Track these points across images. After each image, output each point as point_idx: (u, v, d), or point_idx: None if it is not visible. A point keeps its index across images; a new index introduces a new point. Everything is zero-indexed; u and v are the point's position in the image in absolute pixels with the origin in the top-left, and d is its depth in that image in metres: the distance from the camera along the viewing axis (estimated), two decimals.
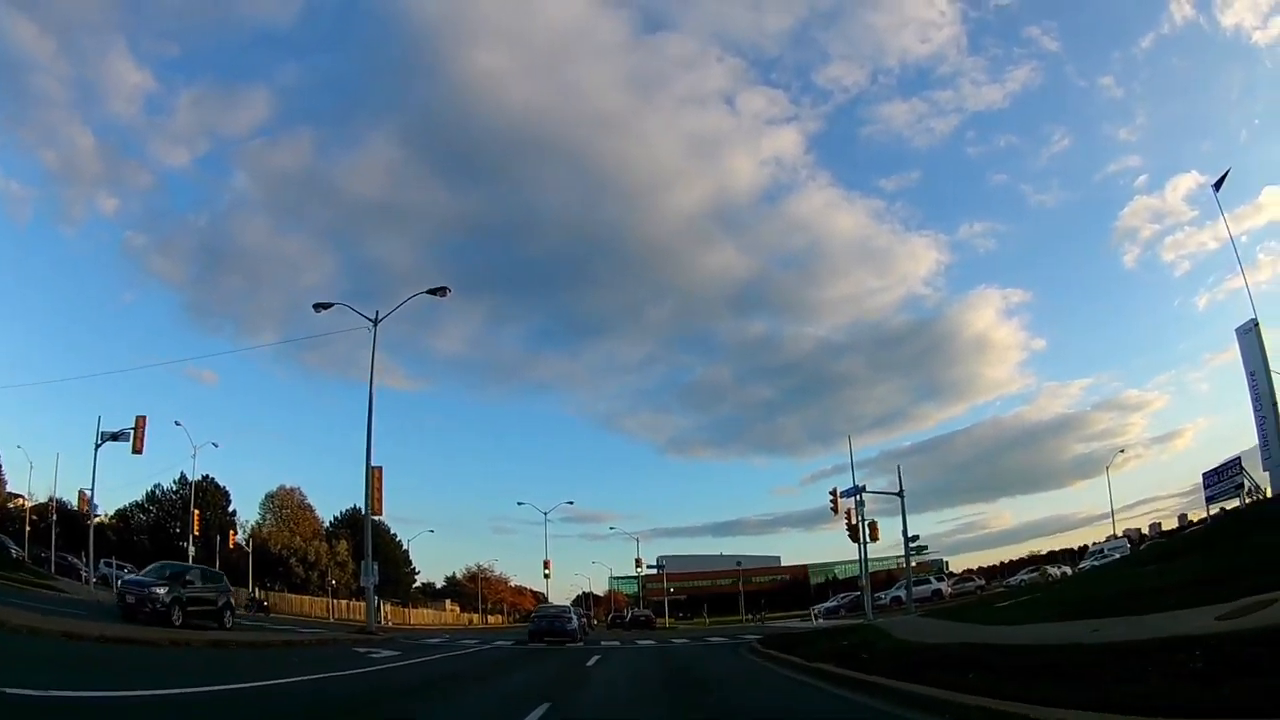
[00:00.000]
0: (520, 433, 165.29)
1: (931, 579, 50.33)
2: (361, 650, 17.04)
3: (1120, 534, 66.58)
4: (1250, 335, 27.99)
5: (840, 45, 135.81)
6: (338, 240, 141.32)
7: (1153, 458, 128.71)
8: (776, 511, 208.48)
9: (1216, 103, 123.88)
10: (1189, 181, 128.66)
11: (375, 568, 25.73)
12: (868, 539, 31.15)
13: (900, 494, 31.60)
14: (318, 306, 26.05)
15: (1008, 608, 20.35)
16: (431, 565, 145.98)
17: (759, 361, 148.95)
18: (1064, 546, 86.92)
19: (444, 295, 25.49)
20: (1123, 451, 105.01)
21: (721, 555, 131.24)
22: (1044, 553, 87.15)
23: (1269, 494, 29.57)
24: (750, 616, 67.73)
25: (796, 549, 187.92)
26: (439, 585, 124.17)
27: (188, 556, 51.40)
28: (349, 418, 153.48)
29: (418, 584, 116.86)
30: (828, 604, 53.06)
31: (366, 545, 27.29)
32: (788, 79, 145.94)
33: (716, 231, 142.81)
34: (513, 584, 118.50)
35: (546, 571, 58.40)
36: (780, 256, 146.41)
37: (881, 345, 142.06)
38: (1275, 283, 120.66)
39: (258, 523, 68.51)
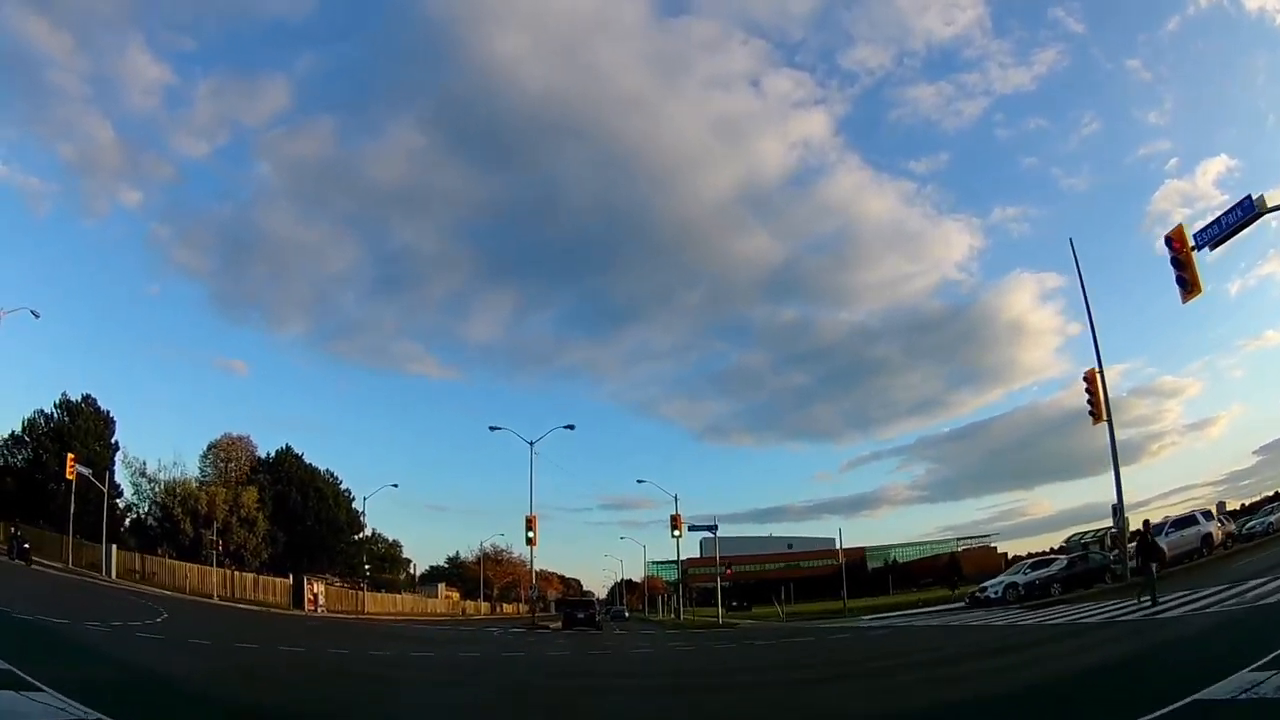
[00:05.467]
0: (552, 420, 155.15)
1: (1199, 517, 29.34)
2: None
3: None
4: None
5: (864, 27, 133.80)
6: (363, 228, 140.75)
7: (1187, 445, 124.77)
8: (820, 497, 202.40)
9: (1243, 87, 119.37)
10: (1218, 165, 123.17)
11: None
12: None
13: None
14: None
15: None
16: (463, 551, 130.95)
17: (794, 348, 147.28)
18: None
19: None
20: None
21: (771, 537, 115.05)
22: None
23: None
24: (844, 603, 47.01)
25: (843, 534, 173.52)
26: (445, 568, 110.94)
27: None
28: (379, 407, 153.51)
29: (424, 569, 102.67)
30: (1011, 576, 32.14)
31: None
32: (813, 61, 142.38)
33: (746, 215, 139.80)
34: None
35: (530, 533, 38.81)
36: (812, 241, 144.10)
37: (916, 331, 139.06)
38: None
39: (196, 478, 50.80)
